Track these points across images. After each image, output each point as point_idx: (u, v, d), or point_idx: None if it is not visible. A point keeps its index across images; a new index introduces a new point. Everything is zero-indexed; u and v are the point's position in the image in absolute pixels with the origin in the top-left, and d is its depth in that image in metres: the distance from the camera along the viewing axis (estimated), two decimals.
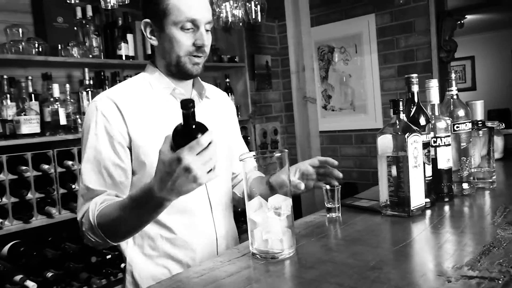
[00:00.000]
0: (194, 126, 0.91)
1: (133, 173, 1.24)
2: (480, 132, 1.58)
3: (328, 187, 1.32)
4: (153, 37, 1.27)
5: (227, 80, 3.59)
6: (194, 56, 1.24)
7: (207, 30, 1.26)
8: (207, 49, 1.27)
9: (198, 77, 1.37)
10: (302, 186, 1.24)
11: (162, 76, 1.30)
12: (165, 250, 1.26)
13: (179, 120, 0.97)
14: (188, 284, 0.92)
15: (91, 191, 1.17)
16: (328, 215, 1.33)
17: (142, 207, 1.04)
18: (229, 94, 3.53)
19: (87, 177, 1.18)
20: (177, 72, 1.28)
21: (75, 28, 2.63)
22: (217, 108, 1.43)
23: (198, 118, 0.96)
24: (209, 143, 0.92)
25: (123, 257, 1.31)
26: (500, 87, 7.36)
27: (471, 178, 1.49)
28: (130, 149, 1.21)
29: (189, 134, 0.91)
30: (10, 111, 2.29)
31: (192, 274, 0.97)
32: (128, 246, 1.28)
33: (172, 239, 1.26)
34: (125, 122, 1.20)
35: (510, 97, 7.15)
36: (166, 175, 0.94)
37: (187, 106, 0.89)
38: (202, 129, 0.92)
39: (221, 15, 2.51)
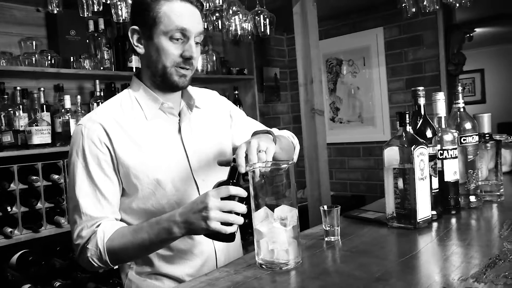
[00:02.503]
0: (234, 181, 1.05)
1: (125, 195, 1.23)
2: (488, 145, 1.58)
3: (325, 207, 1.19)
4: (139, 45, 1.22)
5: (236, 92, 3.63)
6: (181, 67, 1.19)
7: (196, 43, 1.21)
8: (195, 62, 1.22)
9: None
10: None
11: (148, 90, 1.24)
12: (162, 267, 1.25)
13: (169, 135, 1.19)
14: None
15: (92, 219, 1.16)
16: (326, 239, 1.21)
17: (158, 228, 1.09)
18: (238, 106, 3.56)
19: (85, 204, 1.16)
20: (162, 83, 1.22)
21: (87, 40, 2.69)
22: (209, 117, 1.37)
23: (188, 130, 1.21)
24: (238, 198, 1.03)
25: (122, 273, 1.31)
26: (510, 100, 7.30)
27: (478, 191, 1.49)
28: (118, 170, 1.19)
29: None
30: (22, 121, 2.33)
31: (197, 284, 0.98)
32: (126, 263, 1.29)
33: (169, 257, 1.25)
34: (112, 144, 1.18)
35: None
36: (192, 204, 1.06)
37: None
38: (239, 186, 1.05)
39: (230, 28, 2.53)
